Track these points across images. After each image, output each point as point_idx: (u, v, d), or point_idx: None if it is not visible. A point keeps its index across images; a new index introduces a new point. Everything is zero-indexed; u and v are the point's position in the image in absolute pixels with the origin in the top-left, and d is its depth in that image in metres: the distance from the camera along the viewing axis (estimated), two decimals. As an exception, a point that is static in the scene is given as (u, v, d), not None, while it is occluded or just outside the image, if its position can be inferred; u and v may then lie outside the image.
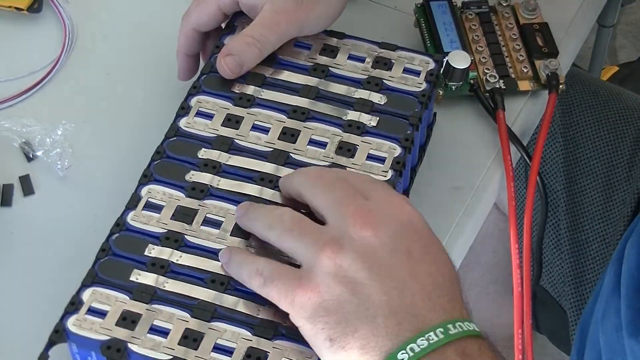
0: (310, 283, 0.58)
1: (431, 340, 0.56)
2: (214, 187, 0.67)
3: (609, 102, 1.00)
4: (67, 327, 0.61)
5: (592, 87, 1.02)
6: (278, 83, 0.73)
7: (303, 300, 0.58)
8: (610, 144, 0.98)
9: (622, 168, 0.98)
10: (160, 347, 0.60)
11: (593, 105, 1.00)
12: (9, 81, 0.83)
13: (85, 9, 0.88)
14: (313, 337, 0.58)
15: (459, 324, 0.57)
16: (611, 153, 0.98)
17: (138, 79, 0.84)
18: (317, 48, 0.75)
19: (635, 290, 0.79)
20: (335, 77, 0.74)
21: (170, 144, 0.69)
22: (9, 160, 0.78)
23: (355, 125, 0.70)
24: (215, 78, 0.73)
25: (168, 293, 0.62)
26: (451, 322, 0.57)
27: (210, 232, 0.65)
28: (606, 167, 0.99)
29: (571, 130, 1.00)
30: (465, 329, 0.57)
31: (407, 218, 0.60)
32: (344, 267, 0.58)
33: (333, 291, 0.57)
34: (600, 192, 0.98)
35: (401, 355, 0.56)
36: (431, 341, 0.56)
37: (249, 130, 0.70)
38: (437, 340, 0.56)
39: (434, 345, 0.56)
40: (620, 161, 0.98)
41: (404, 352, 0.56)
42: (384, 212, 0.60)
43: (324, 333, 0.57)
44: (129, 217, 0.66)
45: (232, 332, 0.61)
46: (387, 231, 0.58)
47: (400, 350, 0.56)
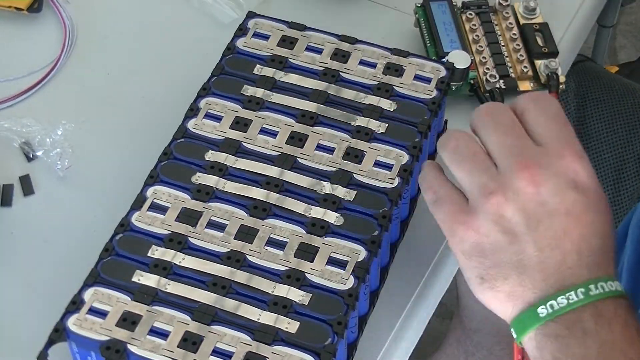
0: (473, 222, 0.60)
1: (571, 299, 0.58)
2: (219, 189, 0.67)
3: (623, 97, 1.01)
4: (68, 327, 0.61)
5: (608, 82, 1.02)
6: (288, 87, 0.73)
7: (463, 235, 0.61)
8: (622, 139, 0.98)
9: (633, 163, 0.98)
10: (159, 349, 0.60)
11: (607, 100, 1.00)
12: (9, 81, 0.83)
13: (85, 9, 0.88)
14: (466, 269, 0.61)
15: (602, 284, 0.59)
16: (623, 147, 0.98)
17: (138, 79, 0.84)
18: (328, 52, 0.75)
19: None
20: (346, 82, 0.73)
21: (178, 145, 0.70)
22: (9, 160, 0.78)
23: (363, 131, 0.70)
24: (225, 80, 0.73)
25: (169, 295, 0.63)
26: (594, 281, 0.59)
27: (214, 235, 0.65)
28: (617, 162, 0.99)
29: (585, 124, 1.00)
30: (607, 290, 0.59)
31: (573, 175, 0.61)
32: (506, 217, 0.60)
33: (492, 236, 0.60)
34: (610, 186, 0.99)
35: (541, 310, 0.58)
36: (571, 301, 0.58)
37: (257, 134, 0.70)
38: (576, 301, 0.58)
39: (573, 305, 0.58)
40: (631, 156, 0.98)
41: (543, 307, 0.58)
42: (552, 166, 0.61)
43: (477, 270, 0.61)
44: (133, 218, 0.66)
45: (232, 336, 0.61)
46: (550, 188, 0.60)
47: (541, 305, 0.59)
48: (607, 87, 1.01)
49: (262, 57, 0.75)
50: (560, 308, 0.58)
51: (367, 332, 0.68)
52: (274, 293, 0.63)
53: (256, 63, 0.74)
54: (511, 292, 0.60)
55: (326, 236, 0.65)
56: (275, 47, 0.75)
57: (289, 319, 0.62)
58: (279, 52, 0.75)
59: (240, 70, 0.74)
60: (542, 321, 0.58)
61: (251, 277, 0.63)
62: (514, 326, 0.60)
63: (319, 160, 0.69)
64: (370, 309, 0.68)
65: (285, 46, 0.75)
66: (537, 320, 0.59)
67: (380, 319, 0.69)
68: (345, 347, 0.64)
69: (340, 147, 0.70)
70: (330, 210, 0.66)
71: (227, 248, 0.65)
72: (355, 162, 0.69)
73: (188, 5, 0.88)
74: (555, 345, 0.58)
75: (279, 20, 0.77)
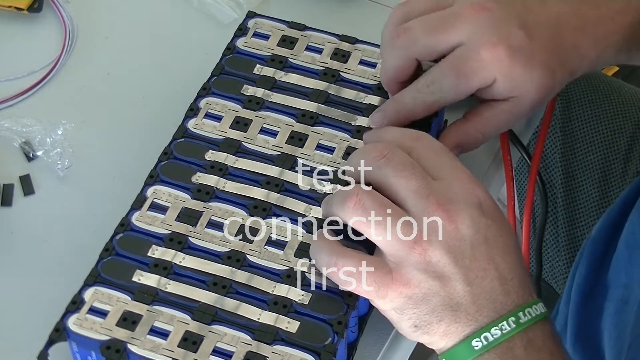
0: (401, 278, 0.60)
1: (504, 330, 0.59)
2: (219, 189, 0.67)
3: (608, 97, 1.00)
4: (68, 326, 0.61)
5: (593, 81, 1.01)
6: (288, 86, 0.73)
7: (394, 295, 0.60)
8: (607, 139, 0.98)
9: (618, 163, 0.98)
10: (159, 349, 0.60)
11: (592, 100, 1.00)
12: (9, 81, 0.83)
13: (85, 9, 0.88)
14: (398, 322, 0.61)
15: (529, 310, 0.60)
16: (608, 148, 0.98)
17: (138, 79, 0.84)
18: (328, 52, 0.75)
19: None
20: (346, 82, 0.74)
21: (178, 145, 0.70)
22: (9, 160, 0.78)
23: (363, 131, 0.70)
24: (225, 80, 0.73)
25: (169, 295, 0.63)
26: (522, 308, 0.60)
27: (214, 235, 0.65)
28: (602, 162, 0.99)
29: (570, 125, 1.00)
30: (534, 315, 0.60)
31: (477, 199, 0.61)
32: (433, 262, 0.60)
33: (423, 286, 0.60)
34: (597, 188, 0.98)
35: (475, 343, 0.59)
36: (504, 331, 0.59)
37: (257, 134, 0.70)
38: (508, 331, 0.59)
39: (506, 335, 0.59)
40: (616, 156, 0.98)
41: (478, 340, 0.59)
42: (459, 196, 0.61)
43: (410, 321, 0.61)
44: (133, 218, 0.66)
45: (232, 336, 0.61)
46: (466, 221, 0.60)
47: (475, 338, 0.59)
48: (591, 86, 1.01)
49: (262, 57, 0.75)
50: (494, 339, 0.59)
51: (367, 332, 0.68)
52: (274, 293, 0.63)
53: (256, 63, 0.74)
54: (446, 330, 0.60)
55: None
56: (275, 47, 0.75)
57: (289, 318, 0.62)
58: (279, 51, 0.75)
59: (241, 70, 0.74)
60: (477, 354, 0.59)
61: (251, 277, 0.63)
62: (447, 358, 0.60)
63: (319, 160, 0.69)
64: (371, 309, 0.68)
65: (286, 46, 0.75)
66: (471, 353, 0.59)
67: (381, 319, 0.69)
68: (346, 346, 0.64)
69: (340, 147, 0.70)
70: (331, 210, 0.66)
71: (228, 248, 0.65)
72: None
73: (188, 5, 0.88)
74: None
75: (279, 20, 0.77)
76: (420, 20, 0.68)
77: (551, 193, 1.00)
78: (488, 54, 0.66)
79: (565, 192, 1.00)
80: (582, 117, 0.99)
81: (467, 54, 0.66)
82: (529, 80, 0.67)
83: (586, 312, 0.84)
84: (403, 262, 0.60)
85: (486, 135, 0.70)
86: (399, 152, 0.62)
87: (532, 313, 0.60)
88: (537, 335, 0.60)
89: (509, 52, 0.66)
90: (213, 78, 0.73)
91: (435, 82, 0.67)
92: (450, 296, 0.59)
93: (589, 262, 0.84)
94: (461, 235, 0.60)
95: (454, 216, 0.60)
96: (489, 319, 0.59)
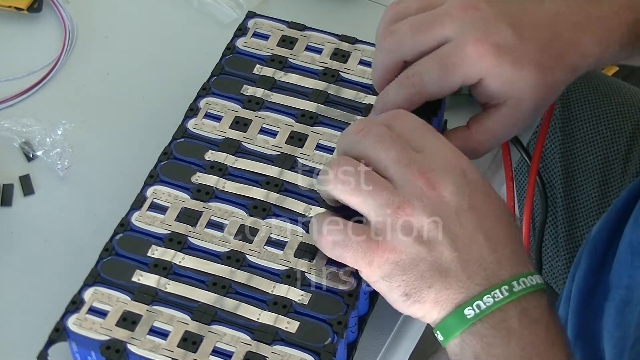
0: (387, 244, 0.60)
1: (496, 298, 0.58)
2: (219, 189, 0.67)
3: (608, 97, 1.00)
4: (68, 326, 0.61)
5: (593, 82, 1.01)
6: (288, 86, 0.73)
7: (380, 261, 0.60)
8: (606, 139, 0.98)
9: (618, 163, 0.98)
10: (159, 349, 0.60)
11: (592, 100, 1.00)
12: (9, 81, 0.83)
13: (85, 9, 0.88)
14: (388, 292, 0.61)
15: (523, 280, 0.59)
16: (607, 148, 0.98)
17: (138, 79, 0.84)
18: (328, 52, 0.75)
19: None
20: (346, 82, 0.74)
21: (178, 145, 0.70)
22: (9, 160, 0.78)
23: (363, 131, 0.70)
24: (225, 80, 0.73)
25: (169, 295, 0.63)
26: (516, 278, 0.59)
27: (214, 235, 0.65)
28: (602, 163, 0.99)
29: (570, 125, 0.99)
30: (529, 285, 0.59)
31: (460, 167, 0.61)
32: (417, 227, 0.59)
33: (410, 250, 0.59)
34: (596, 188, 0.98)
35: (468, 311, 0.58)
36: (496, 299, 0.58)
37: (256, 134, 0.70)
38: (501, 299, 0.58)
39: (499, 303, 0.58)
40: (616, 157, 0.98)
41: (470, 308, 0.58)
42: (440, 166, 0.61)
43: (400, 289, 0.60)
44: (133, 218, 0.66)
45: (232, 336, 0.61)
46: (449, 188, 0.60)
47: (468, 306, 0.59)
48: (591, 86, 1.01)
49: (261, 57, 0.75)
50: (487, 307, 0.58)
51: (367, 332, 0.68)
52: (274, 293, 0.63)
53: (256, 63, 0.74)
54: (437, 297, 0.59)
55: None
56: (275, 47, 0.75)
57: (288, 318, 0.62)
58: (279, 52, 0.75)
59: (240, 70, 0.74)
60: (469, 322, 0.58)
61: (251, 277, 0.63)
62: (440, 330, 0.60)
63: (318, 160, 0.69)
64: (370, 309, 0.68)
65: (285, 46, 0.75)
66: (464, 322, 0.59)
67: (380, 319, 0.69)
68: (345, 347, 0.64)
69: (340, 147, 0.70)
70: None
71: (227, 248, 0.65)
72: None
73: (188, 5, 0.88)
74: (479, 344, 0.58)
75: (279, 20, 0.77)
76: (408, 22, 0.68)
77: (551, 193, 1.00)
78: (473, 50, 0.66)
79: (565, 192, 1.00)
80: (582, 117, 0.99)
81: (451, 49, 0.66)
82: (522, 79, 0.67)
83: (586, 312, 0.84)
84: (388, 228, 0.60)
85: (485, 145, 0.70)
86: (378, 126, 0.62)
87: (526, 283, 0.59)
88: (532, 306, 0.59)
89: (494, 50, 0.66)
90: (213, 78, 0.73)
91: (417, 75, 0.67)
92: (437, 261, 0.59)
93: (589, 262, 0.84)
94: (445, 201, 0.59)
95: (435, 183, 0.60)
96: (480, 286, 0.59)
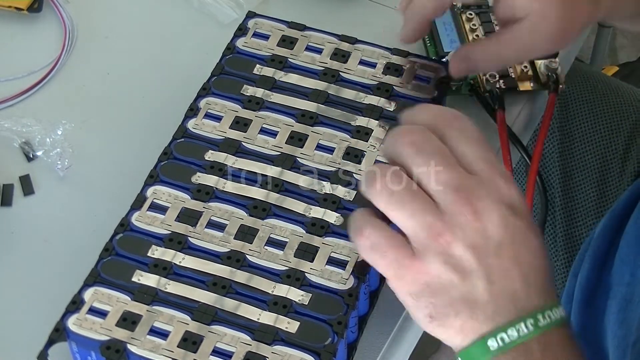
0: (421, 265, 0.59)
1: (521, 332, 0.58)
2: (219, 189, 0.67)
3: (606, 96, 1.00)
4: (68, 326, 0.61)
5: (591, 81, 1.01)
6: (288, 87, 0.73)
7: (412, 279, 0.59)
8: (604, 139, 0.98)
9: (616, 163, 0.98)
10: (159, 349, 0.60)
11: (590, 100, 1.00)
12: (9, 81, 0.83)
13: (85, 9, 0.88)
14: (414, 310, 0.60)
15: (549, 313, 0.59)
16: (605, 148, 0.98)
17: (138, 79, 0.84)
18: (328, 52, 0.75)
19: None
20: (346, 82, 0.74)
21: (178, 145, 0.70)
22: (9, 160, 0.78)
23: (363, 131, 0.70)
24: (225, 80, 0.73)
25: (169, 295, 0.63)
26: (542, 311, 0.59)
27: (214, 235, 0.65)
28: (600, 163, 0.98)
29: (568, 125, 0.99)
30: (553, 319, 0.59)
31: (509, 199, 0.60)
32: (456, 256, 0.59)
33: (443, 276, 0.59)
34: (594, 188, 0.98)
35: (491, 343, 0.58)
36: (521, 333, 0.58)
37: (256, 134, 0.70)
38: (526, 333, 0.58)
39: (523, 338, 0.58)
40: (614, 156, 0.98)
41: (494, 340, 0.58)
42: (490, 194, 0.60)
43: (427, 310, 0.59)
44: (133, 218, 0.66)
45: (232, 336, 0.61)
46: (494, 220, 0.59)
47: (491, 338, 0.58)
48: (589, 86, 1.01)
49: (262, 57, 0.75)
50: (511, 341, 0.58)
51: (367, 332, 0.68)
52: (274, 293, 0.63)
53: (256, 63, 0.74)
54: (462, 326, 0.59)
55: (326, 236, 0.65)
56: (275, 47, 0.75)
57: (289, 318, 0.62)
58: (279, 52, 0.75)
59: (240, 70, 0.74)
60: (492, 355, 0.58)
61: (251, 277, 0.63)
62: (462, 357, 0.59)
63: (319, 160, 0.69)
64: (370, 309, 0.68)
65: (285, 46, 0.75)
66: (487, 353, 0.58)
67: (380, 319, 0.69)
68: (345, 347, 0.64)
69: (340, 147, 0.70)
70: (330, 210, 0.67)
71: (227, 248, 0.65)
72: (355, 161, 0.69)
73: (188, 5, 0.88)
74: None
75: (279, 20, 0.77)
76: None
77: (549, 193, 1.00)
78: None
79: (563, 192, 1.00)
80: (580, 117, 0.99)
81: None
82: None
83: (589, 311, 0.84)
84: (426, 250, 0.59)
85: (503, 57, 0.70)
86: (430, 139, 0.60)
87: (551, 317, 0.59)
88: (555, 339, 0.59)
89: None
90: (213, 78, 0.73)
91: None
92: (470, 291, 0.59)
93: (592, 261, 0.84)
94: (488, 233, 0.59)
95: (481, 213, 0.59)
96: (506, 319, 0.58)
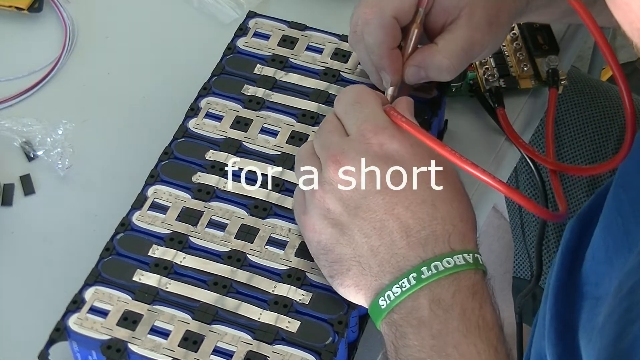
0: (309, 223, 0.61)
1: (404, 287, 0.57)
2: (220, 189, 0.67)
3: (595, 100, 1.00)
4: (69, 326, 0.61)
5: (580, 85, 1.01)
6: (288, 86, 0.73)
7: (308, 236, 0.62)
8: (594, 143, 0.98)
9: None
10: (160, 349, 0.60)
11: (579, 104, 1.00)
12: (9, 81, 0.83)
13: (85, 9, 0.88)
14: (323, 272, 0.62)
15: (435, 264, 0.57)
16: (595, 152, 0.98)
17: (138, 78, 0.84)
18: (328, 52, 0.75)
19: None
20: (346, 81, 0.73)
21: (179, 145, 0.70)
22: (9, 160, 0.78)
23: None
24: (225, 80, 0.73)
25: (170, 294, 0.63)
26: (426, 263, 0.57)
27: (215, 235, 0.65)
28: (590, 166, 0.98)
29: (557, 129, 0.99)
30: (442, 269, 0.57)
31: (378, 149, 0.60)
32: (330, 210, 0.60)
33: (326, 232, 0.60)
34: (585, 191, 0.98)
35: (381, 302, 0.58)
36: (404, 289, 0.57)
37: (257, 133, 0.70)
38: (408, 287, 0.57)
39: (407, 292, 0.57)
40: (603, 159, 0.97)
41: (383, 299, 0.58)
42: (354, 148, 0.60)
43: (325, 270, 0.61)
44: (134, 217, 0.66)
45: (233, 336, 0.61)
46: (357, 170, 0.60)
47: (381, 297, 0.58)
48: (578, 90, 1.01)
49: (262, 57, 0.75)
50: (395, 298, 0.57)
51: (367, 332, 0.68)
52: (275, 292, 0.63)
53: (257, 63, 0.74)
54: (357, 283, 0.59)
55: None
56: (276, 47, 0.75)
57: (289, 318, 0.62)
58: (280, 51, 0.75)
59: (241, 69, 0.74)
60: (384, 312, 0.58)
61: (252, 277, 0.63)
62: (371, 314, 0.60)
63: (319, 159, 0.69)
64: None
65: (286, 46, 0.75)
66: (380, 312, 0.58)
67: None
68: (346, 346, 0.64)
69: (340, 147, 0.70)
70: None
71: (228, 247, 0.65)
72: None
73: (188, 5, 0.88)
74: (394, 334, 0.58)
75: (280, 20, 0.77)
76: None
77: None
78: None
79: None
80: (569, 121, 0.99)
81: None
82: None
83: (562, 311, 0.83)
84: (309, 207, 0.61)
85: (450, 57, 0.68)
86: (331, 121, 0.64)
87: (438, 267, 0.57)
88: (446, 292, 0.57)
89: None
90: (213, 78, 0.73)
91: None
92: (351, 246, 0.59)
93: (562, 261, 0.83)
94: (353, 185, 0.60)
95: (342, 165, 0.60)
96: (391, 275, 0.58)
